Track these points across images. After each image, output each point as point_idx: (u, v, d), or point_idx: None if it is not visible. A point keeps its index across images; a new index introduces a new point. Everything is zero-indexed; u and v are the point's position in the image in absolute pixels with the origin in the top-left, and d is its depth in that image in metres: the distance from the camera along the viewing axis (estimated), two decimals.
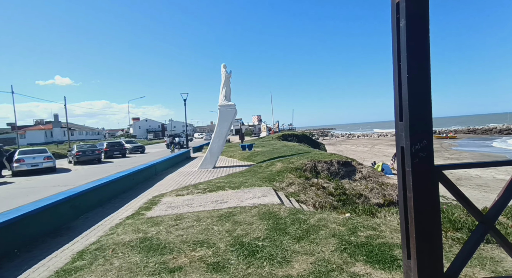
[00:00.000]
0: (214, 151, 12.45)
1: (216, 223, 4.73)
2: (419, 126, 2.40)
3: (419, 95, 2.24)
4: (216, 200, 6.47)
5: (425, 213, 2.23)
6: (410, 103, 2.33)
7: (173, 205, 6.28)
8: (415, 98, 2.29)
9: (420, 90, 2.25)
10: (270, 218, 4.88)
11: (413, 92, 2.24)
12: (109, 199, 7.22)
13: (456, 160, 29.69)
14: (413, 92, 2.23)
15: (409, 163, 2.42)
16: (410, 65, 2.13)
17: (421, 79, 2.26)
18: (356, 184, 9.31)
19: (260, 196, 6.57)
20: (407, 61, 2.19)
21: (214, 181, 8.63)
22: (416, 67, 2.15)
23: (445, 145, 46.25)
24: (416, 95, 2.25)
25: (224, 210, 5.46)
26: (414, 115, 2.36)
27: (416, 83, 2.27)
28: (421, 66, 2.18)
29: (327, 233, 4.08)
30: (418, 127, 2.40)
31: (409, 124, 2.36)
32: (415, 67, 2.18)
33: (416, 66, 2.17)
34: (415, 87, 2.26)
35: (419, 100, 2.26)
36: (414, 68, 2.16)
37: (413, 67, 2.18)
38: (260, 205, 5.67)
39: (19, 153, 15.69)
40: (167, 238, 4.07)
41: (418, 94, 2.24)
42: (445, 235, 3.73)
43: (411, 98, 2.29)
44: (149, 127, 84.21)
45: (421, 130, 2.39)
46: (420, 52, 2.12)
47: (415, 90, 2.24)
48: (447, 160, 29.50)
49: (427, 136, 2.40)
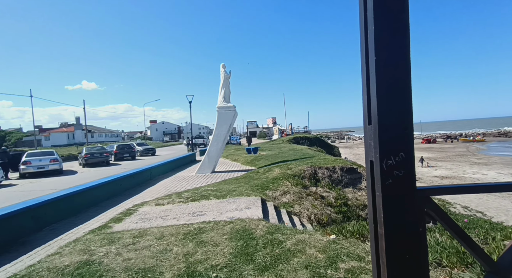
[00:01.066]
0: (212, 154, 11.88)
1: (178, 243, 4.09)
2: (394, 131, 1.59)
3: (393, 84, 1.47)
4: (194, 211, 5.84)
5: (404, 261, 1.47)
6: (380, 98, 1.56)
7: (147, 216, 5.72)
8: (387, 89, 1.51)
9: (395, 75, 1.48)
10: (242, 237, 4.17)
11: (385, 80, 1.48)
12: (87, 207, 6.79)
13: (484, 165, 27.42)
14: (384, 78, 1.47)
15: (379, 185, 1.61)
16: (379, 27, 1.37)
17: (396, 57, 1.47)
18: (361, 193, 8.37)
19: (243, 207, 5.87)
20: (374, 26, 1.45)
21: (202, 188, 8.01)
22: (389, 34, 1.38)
23: (472, 148, 43.26)
24: (389, 84, 1.48)
25: (195, 225, 4.81)
26: (386, 115, 1.58)
27: (389, 65, 1.48)
28: (396, 32, 1.42)
29: (301, 262, 3.31)
30: (392, 134, 1.59)
31: (377, 128, 1.58)
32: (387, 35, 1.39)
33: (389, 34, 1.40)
34: (388, 70, 1.48)
35: (394, 92, 1.48)
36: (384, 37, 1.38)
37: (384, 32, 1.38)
38: (237, 220, 4.97)
39: (26, 155, 15.91)
40: (111, 263, 3.46)
41: (392, 82, 1.47)
42: (449, 275, 2.85)
43: (380, 89, 1.53)
44: (165, 129, 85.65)
45: (396, 139, 1.58)
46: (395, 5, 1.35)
47: (388, 76, 1.47)
48: (473, 166, 27.30)
49: (406, 147, 1.57)
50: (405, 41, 1.48)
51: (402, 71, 1.44)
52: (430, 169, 26.90)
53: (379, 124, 1.59)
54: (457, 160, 32.42)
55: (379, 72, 1.50)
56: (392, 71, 1.45)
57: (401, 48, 1.43)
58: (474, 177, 21.99)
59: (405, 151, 1.52)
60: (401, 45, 1.42)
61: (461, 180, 21.21)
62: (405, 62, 1.46)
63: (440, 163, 30.60)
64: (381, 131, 1.59)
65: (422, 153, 36.96)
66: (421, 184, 20.19)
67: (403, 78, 1.46)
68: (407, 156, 1.54)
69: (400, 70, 1.43)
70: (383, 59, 1.47)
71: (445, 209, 9.90)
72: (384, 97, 1.56)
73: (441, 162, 31.35)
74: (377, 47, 1.47)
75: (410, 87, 1.50)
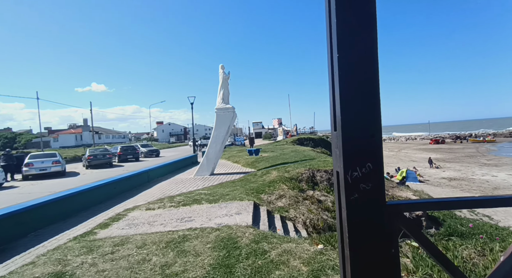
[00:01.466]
0: (210, 157, 11.71)
1: (158, 252, 3.91)
2: (359, 139, 1.39)
3: (359, 86, 1.30)
4: (183, 217, 5.67)
5: None
6: (344, 101, 1.37)
7: (135, 222, 5.57)
8: (352, 91, 1.33)
9: (361, 76, 1.30)
10: (225, 246, 3.97)
11: (348, 81, 1.30)
12: (78, 211, 6.68)
13: (494, 167, 26.59)
14: (348, 80, 1.30)
15: (343, 200, 1.42)
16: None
17: (362, 56, 1.29)
18: None
19: (233, 213, 5.66)
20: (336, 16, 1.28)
21: (196, 191, 7.84)
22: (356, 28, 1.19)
23: (482, 149, 42.11)
24: (354, 86, 1.31)
25: (181, 233, 4.63)
26: (350, 121, 1.39)
27: (353, 64, 1.30)
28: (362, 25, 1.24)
29: (282, 276, 3.09)
30: (358, 141, 1.38)
31: (341, 135, 1.38)
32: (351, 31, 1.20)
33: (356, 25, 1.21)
34: (352, 70, 1.30)
35: (360, 95, 1.32)
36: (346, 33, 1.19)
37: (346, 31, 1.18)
38: (224, 227, 4.77)
39: (29, 157, 16.04)
40: (82, 276, 3.30)
41: (358, 84, 1.30)
42: None
43: (344, 91, 1.34)
44: (172, 131, 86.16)
45: (362, 147, 1.38)
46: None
47: (352, 77, 1.30)
48: (483, 167, 26.51)
49: (374, 156, 1.37)
50: (371, 37, 1.27)
51: (369, 71, 1.27)
52: (437, 170, 26.22)
53: (343, 131, 1.39)
54: (466, 161, 31.55)
55: (342, 72, 1.31)
56: (357, 72, 1.26)
57: (368, 46, 1.24)
58: (483, 178, 21.30)
59: (373, 161, 1.32)
60: (367, 42, 1.23)
61: (470, 181, 20.56)
62: (372, 62, 1.26)
63: (448, 164, 29.82)
64: (345, 138, 1.38)
65: (430, 154, 36.14)
66: (429, 186, 19.65)
67: (370, 80, 1.27)
68: (375, 167, 1.33)
69: (367, 70, 1.27)
70: (347, 58, 1.29)
71: (450, 213, 9.50)
72: (349, 101, 1.36)
73: (449, 163, 30.56)
74: (340, 44, 1.27)
75: (378, 90, 1.31)
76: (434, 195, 14.73)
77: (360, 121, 1.41)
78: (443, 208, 1.58)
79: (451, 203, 1.58)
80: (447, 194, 16.49)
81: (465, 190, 17.85)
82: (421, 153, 40.87)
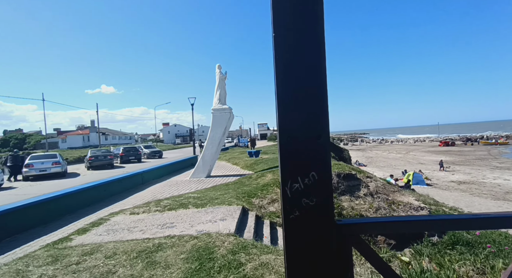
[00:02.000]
0: (206, 158, 11.43)
1: (127, 263, 3.61)
2: (302, 143, 1.12)
3: (302, 82, 1.01)
4: (166, 222, 5.37)
5: None
6: (283, 97, 1.13)
7: (115, 227, 5.30)
8: (293, 87, 1.06)
9: (303, 71, 1.02)
10: (200, 258, 3.65)
11: (289, 75, 1.11)
12: (61, 214, 6.47)
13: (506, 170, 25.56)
14: (288, 73, 1.09)
15: (282, 219, 1.11)
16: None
17: (306, 48, 1.03)
18: (359, 201, 7.65)
19: (218, 219, 5.34)
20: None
21: (185, 195, 7.54)
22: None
23: (494, 152, 40.76)
24: (296, 81, 1.03)
25: (157, 241, 4.33)
26: (291, 121, 1.12)
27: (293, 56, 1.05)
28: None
29: None
30: (300, 146, 1.09)
31: (279, 141, 1.08)
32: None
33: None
34: (293, 63, 1.05)
35: (303, 92, 1.01)
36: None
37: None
38: (204, 235, 4.45)
39: (29, 158, 16.08)
40: None
41: (301, 79, 1.01)
42: None
43: (283, 88, 1.11)
44: (177, 132, 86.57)
45: (305, 153, 1.07)
46: None
47: (293, 71, 1.09)
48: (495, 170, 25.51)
49: (321, 163, 1.10)
50: (316, 29, 0.99)
51: (314, 65, 0.99)
52: (446, 173, 25.38)
53: (280, 130, 1.08)
54: (477, 163, 30.49)
55: (279, 55, 1.01)
56: (300, 66, 1.00)
57: (312, 37, 0.98)
58: (495, 182, 20.45)
59: (319, 169, 1.02)
60: (313, 33, 0.98)
61: (480, 185, 19.76)
62: (318, 55, 0.99)
63: (458, 167, 28.87)
64: (284, 140, 1.07)
65: (439, 156, 35.16)
66: (436, 190, 18.94)
67: (314, 69, 0.99)
68: (322, 177, 1.02)
69: (310, 64, 0.99)
70: (285, 51, 1.00)
71: None
72: (287, 93, 1.09)
73: (459, 165, 29.59)
74: (277, 32, 1.00)
75: (324, 83, 1.00)
76: (441, 199, 14.11)
77: (302, 119, 1.09)
78: (410, 229, 1.24)
79: (422, 223, 1.23)
80: (455, 198, 15.81)
81: (475, 194, 17.11)
82: (430, 155, 39.81)
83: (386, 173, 25.45)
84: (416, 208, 7.48)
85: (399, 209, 7.39)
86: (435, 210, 9.81)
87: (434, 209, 9.97)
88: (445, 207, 10.85)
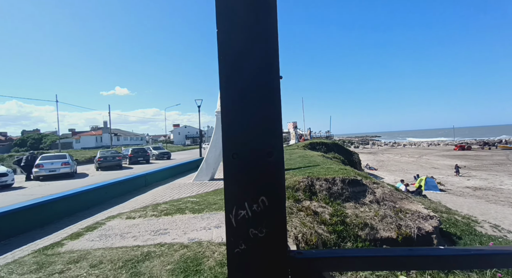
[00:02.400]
0: (210, 161, 11.31)
1: (111, 273, 3.47)
2: (248, 160, 0.86)
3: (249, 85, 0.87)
4: (159, 228, 5.24)
5: None
6: (225, 107, 0.88)
7: (108, 233, 5.20)
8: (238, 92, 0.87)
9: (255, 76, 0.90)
10: (186, 269, 3.48)
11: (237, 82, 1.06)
12: (60, 217, 6.46)
13: None
14: (232, 75, 0.85)
15: (229, 251, 0.86)
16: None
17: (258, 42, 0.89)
18: (364, 209, 7.31)
19: (212, 226, 5.16)
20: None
21: (184, 199, 7.41)
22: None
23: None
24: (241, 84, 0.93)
25: (146, 249, 4.19)
26: (235, 133, 0.86)
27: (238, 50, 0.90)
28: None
29: None
30: (246, 163, 0.84)
31: (223, 159, 0.85)
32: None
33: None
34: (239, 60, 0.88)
35: (249, 98, 0.86)
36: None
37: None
38: (195, 243, 4.27)
39: (40, 159, 16.41)
40: None
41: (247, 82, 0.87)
42: None
43: (227, 95, 1.05)
44: (188, 133, 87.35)
45: (254, 172, 1.00)
46: None
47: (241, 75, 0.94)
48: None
49: (273, 185, 0.91)
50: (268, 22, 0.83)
51: (264, 67, 0.83)
52: (461, 178, 24.41)
53: (224, 149, 0.87)
54: (495, 169, 29.22)
55: (223, 66, 0.85)
56: (247, 68, 0.84)
57: (263, 32, 0.83)
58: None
59: (270, 194, 0.86)
60: (264, 27, 0.83)
61: (497, 192, 18.84)
62: (269, 55, 0.83)
63: (474, 172, 27.74)
64: (229, 161, 0.88)
65: (454, 160, 33.94)
66: (450, 196, 18.18)
67: (264, 77, 0.84)
68: (274, 202, 0.86)
69: (260, 66, 0.83)
70: (230, 50, 0.85)
71: (469, 229, 8.47)
72: (230, 102, 0.89)
73: (475, 171, 28.43)
74: (221, 28, 0.84)
75: (277, 92, 0.84)
76: (455, 206, 13.48)
77: (249, 132, 0.90)
78: (388, 268, 1.00)
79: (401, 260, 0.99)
80: (470, 204, 15.09)
81: (491, 201, 16.31)
82: (444, 159, 38.50)
83: (398, 177, 24.71)
84: (425, 217, 7.09)
85: (407, 218, 7.01)
86: (447, 218, 9.32)
87: (446, 217, 9.48)
88: (457, 215, 10.32)
